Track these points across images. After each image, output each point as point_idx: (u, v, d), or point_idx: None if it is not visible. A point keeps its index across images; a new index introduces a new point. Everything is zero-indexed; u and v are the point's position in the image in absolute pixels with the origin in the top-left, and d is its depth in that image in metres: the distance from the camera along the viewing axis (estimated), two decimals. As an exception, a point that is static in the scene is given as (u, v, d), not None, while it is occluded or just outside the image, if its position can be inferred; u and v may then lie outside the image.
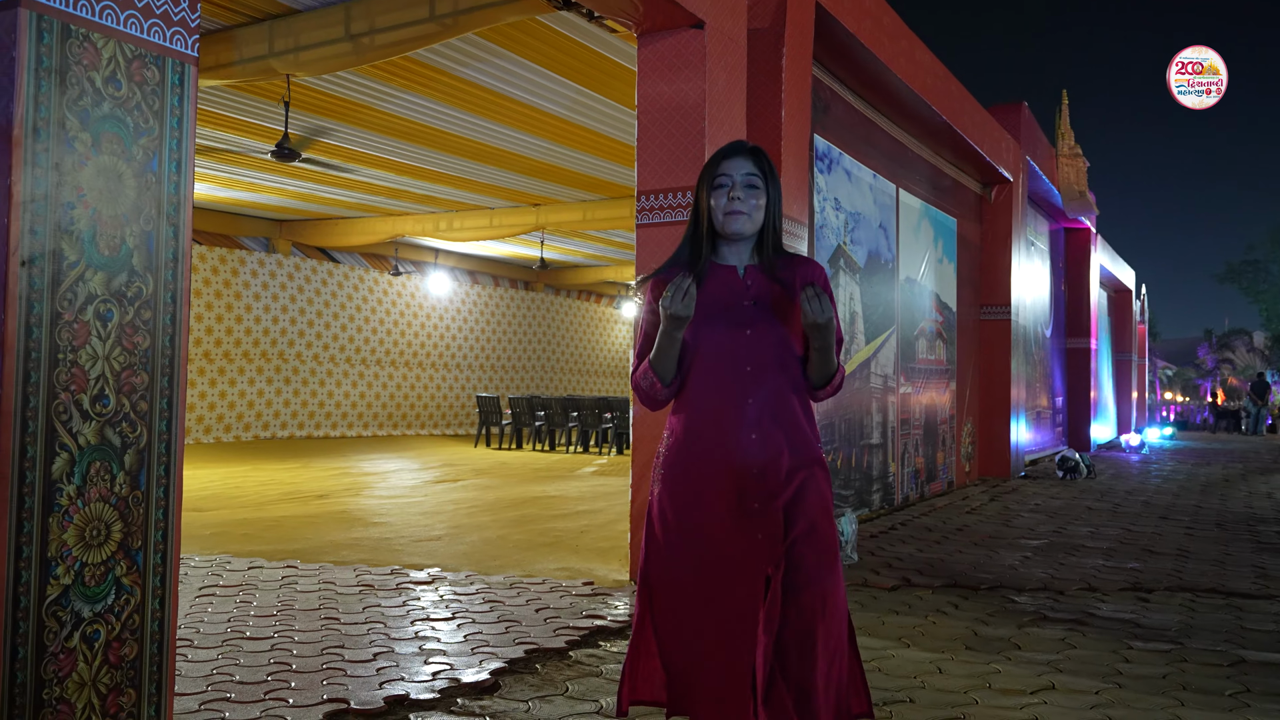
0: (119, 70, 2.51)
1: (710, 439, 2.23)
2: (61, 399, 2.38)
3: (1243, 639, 4.34)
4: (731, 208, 2.29)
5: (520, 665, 3.75)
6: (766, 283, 2.33)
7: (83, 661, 2.43)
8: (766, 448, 2.21)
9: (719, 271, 2.35)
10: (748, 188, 2.30)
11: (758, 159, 2.34)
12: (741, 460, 2.20)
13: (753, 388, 2.24)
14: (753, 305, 2.30)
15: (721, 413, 2.24)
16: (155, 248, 2.60)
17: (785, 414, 2.26)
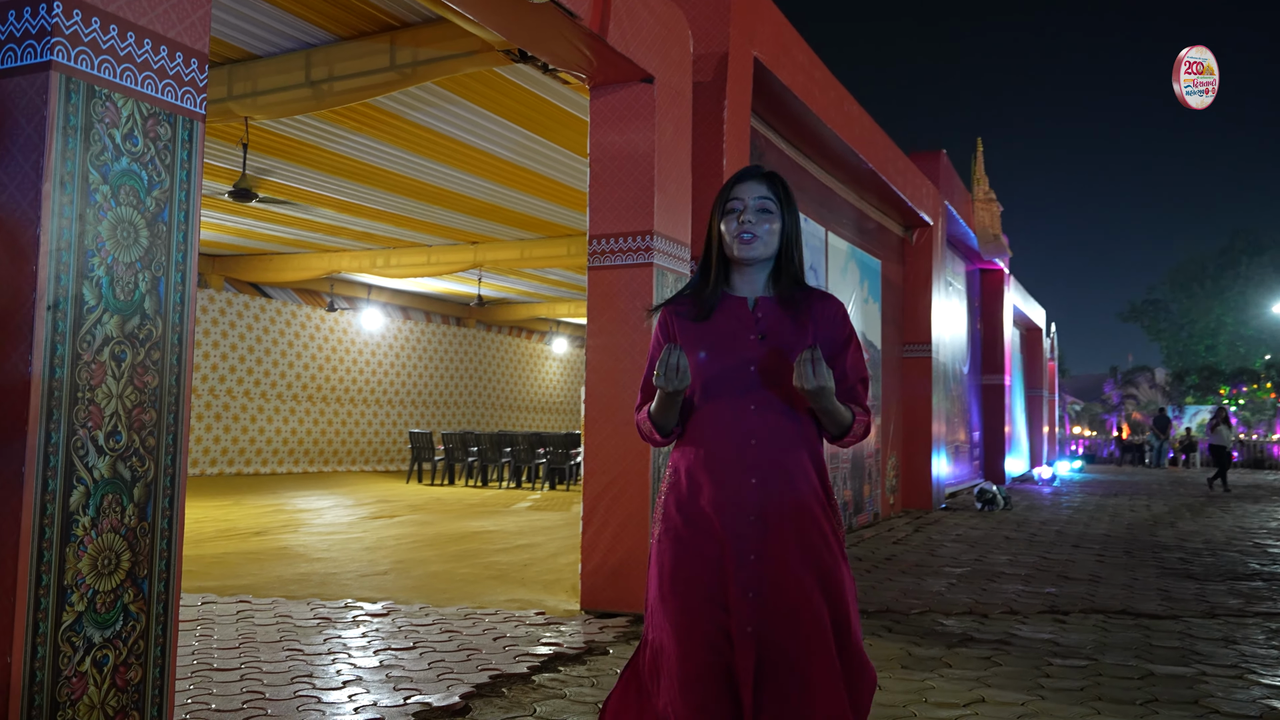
0: (136, 127, 2.69)
1: (709, 481, 2.12)
2: (80, 435, 2.54)
3: (1151, 655, 4.72)
4: (743, 231, 2.18)
5: (487, 690, 3.92)
6: (778, 315, 2.20)
7: (93, 685, 2.57)
8: (767, 493, 2.10)
9: (729, 302, 2.24)
10: (760, 212, 2.20)
11: (772, 183, 2.24)
12: (739, 506, 2.09)
13: (757, 427, 2.12)
14: (761, 340, 2.18)
15: (722, 453, 2.12)
16: (165, 293, 2.77)
17: (790, 457, 2.13)
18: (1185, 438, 31.28)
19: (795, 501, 2.10)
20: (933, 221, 12.74)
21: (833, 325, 2.23)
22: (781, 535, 2.08)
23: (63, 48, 2.50)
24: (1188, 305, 57.47)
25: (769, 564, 2.06)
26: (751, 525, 2.08)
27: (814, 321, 2.20)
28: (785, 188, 2.25)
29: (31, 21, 2.50)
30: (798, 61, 7.70)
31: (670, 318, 2.26)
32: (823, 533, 2.11)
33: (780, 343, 2.16)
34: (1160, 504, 14.29)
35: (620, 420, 5.47)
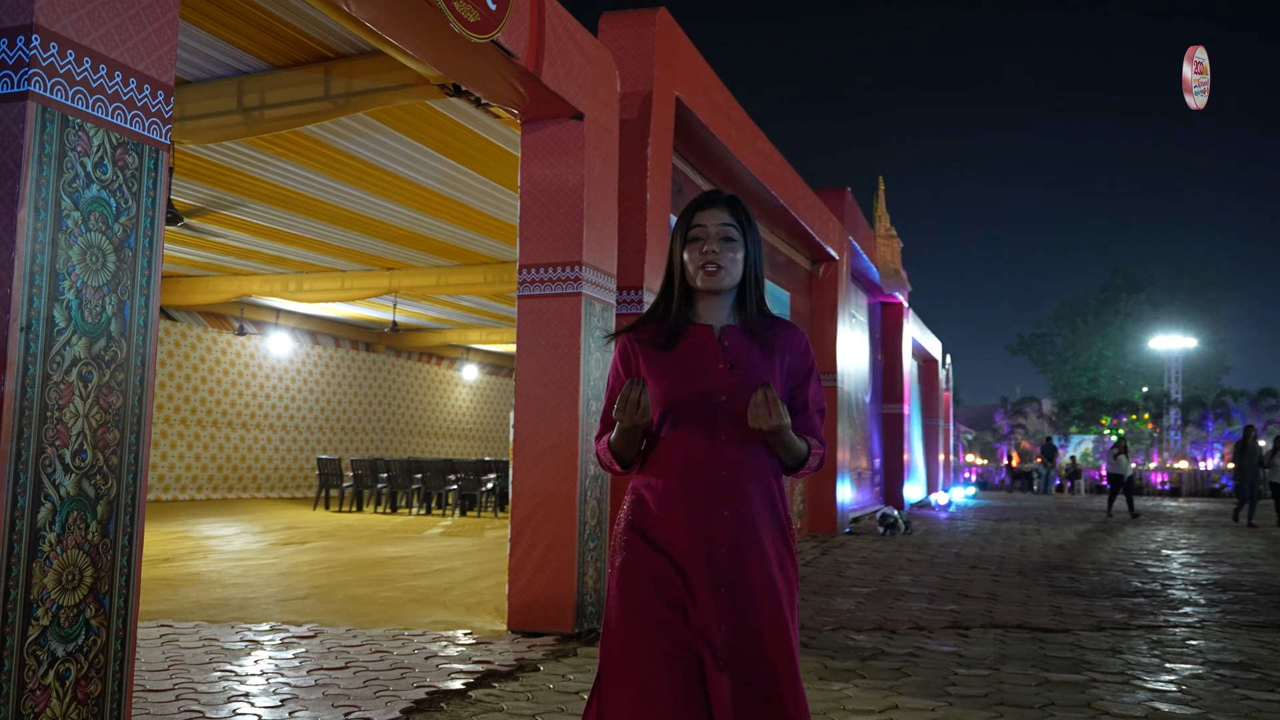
0: (106, 156, 2.78)
1: (679, 512, 2.08)
2: (48, 453, 2.61)
3: (1046, 664, 5.06)
4: (706, 261, 2.14)
5: (426, 705, 4.03)
6: (746, 345, 2.17)
7: (55, 698, 2.62)
8: (738, 525, 2.07)
9: (694, 331, 2.19)
10: (724, 240, 2.15)
11: (734, 209, 2.20)
12: (712, 537, 2.06)
13: (729, 458, 2.09)
14: (729, 369, 2.13)
15: (694, 484, 2.08)
16: (130, 316, 2.86)
17: (762, 487, 2.11)
18: (1070, 465, 32.69)
19: (768, 533, 2.08)
20: (838, 256, 13.23)
21: (798, 355, 2.21)
22: (754, 566, 2.05)
23: (40, 79, 2.59)
24: (1072, 339, 60.08)
25: (741, 596, 2.03)
26: (724, 556, 2.04)
27: (779, 351, 2.18)
28: (747, 213, 2.21)
29: (9, 52, 2.59)
30: (716, 101, 8.02)
31: (632, 346, 2.21)
32: (785, 564, 2.12)
33: (749, 372, 2.12)
34: (1049, 528, 14.98)
35: (548, 445, 5.63)
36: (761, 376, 2.11)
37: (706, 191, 2.23)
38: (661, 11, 6.78)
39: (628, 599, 2.06)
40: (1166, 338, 42.37)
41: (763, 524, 2.08)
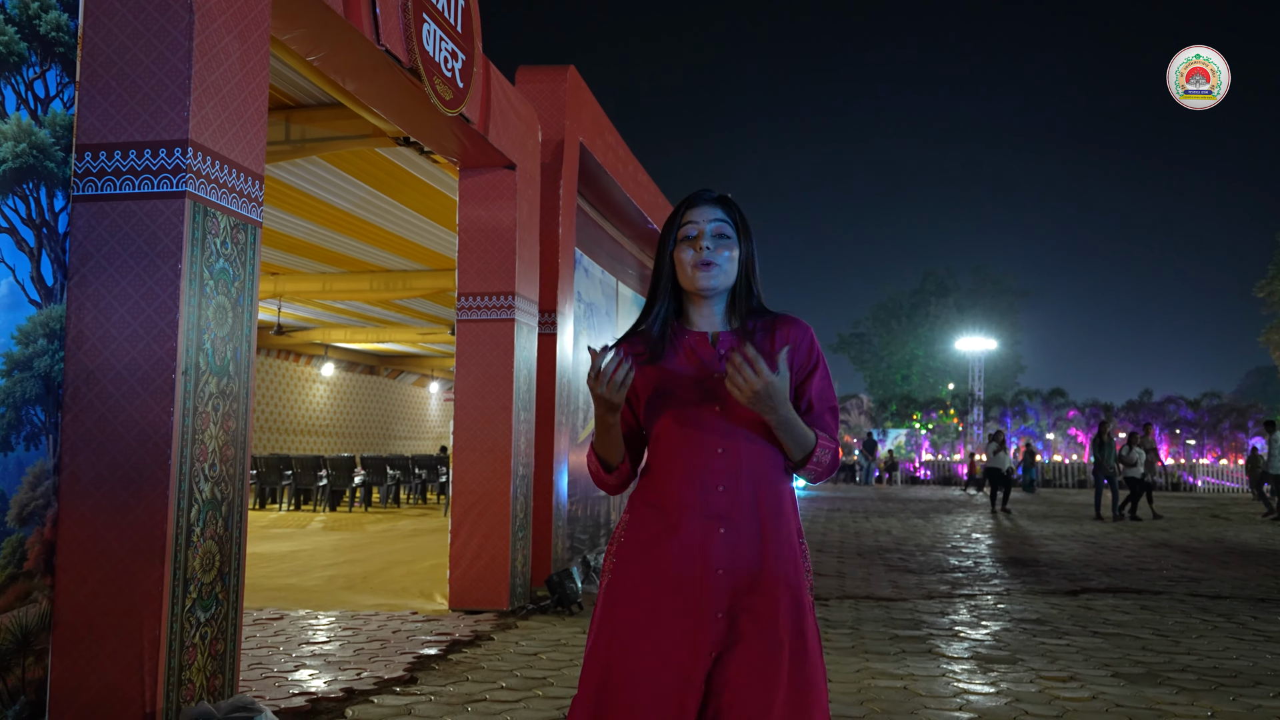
0: (228, 235, 3.59)
1: (671, 532, 1.96)
2: (195, 467, 3.41)
3: (893, 624, 6.37)
4: (701, 259, 2.01)
5: (418, 665, 4.91)
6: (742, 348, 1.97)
7: (200, 654, 3.43)
8: (737, 545, 1.94)
9: (687, 338, 2.07)
10: (717, 237, 2.04)
11: (727, 206, 2.08)
12: (703, 558, 1.93)
13: (724, 473, 1.96)
14: (725, 376, 1.94)
15: (685, 501, 1.96)
16: (240, 358, 3.67)
17: (763, 505, 1.97)
18: (889, 458, 35.42)
19: (772, 552, 1.95)
20: (696, 270, 14.48)
21: (800, 351, 2.06)
22: (752, 591, 1.92)
23: (192, 180, 3.38)
24: (887, 339, 64.10)
25: (735, 623, 1.91)
26: (719, 579, 1.91)
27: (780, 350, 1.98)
28: (741, 212, 2.09)
29: (168, 160, 3.36)
30: (607, 141, 9.05)
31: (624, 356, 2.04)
32: (794, 585, 1.96)
33: None
34: (876, 517, 16.76)
35: (484, 449, 6.54)
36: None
37: (697, 190, 2.11)
38: (571, 69, 7.75)
39: (612, 629, 1.95)
40: (970, 339, 45.98)
41: (765, 542, 1.95)
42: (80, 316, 3.36)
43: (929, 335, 61.67)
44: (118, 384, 3.33)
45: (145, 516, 3.28)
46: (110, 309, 3.35)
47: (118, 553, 3.28)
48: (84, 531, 3.29)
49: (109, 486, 3.31)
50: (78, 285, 3.37)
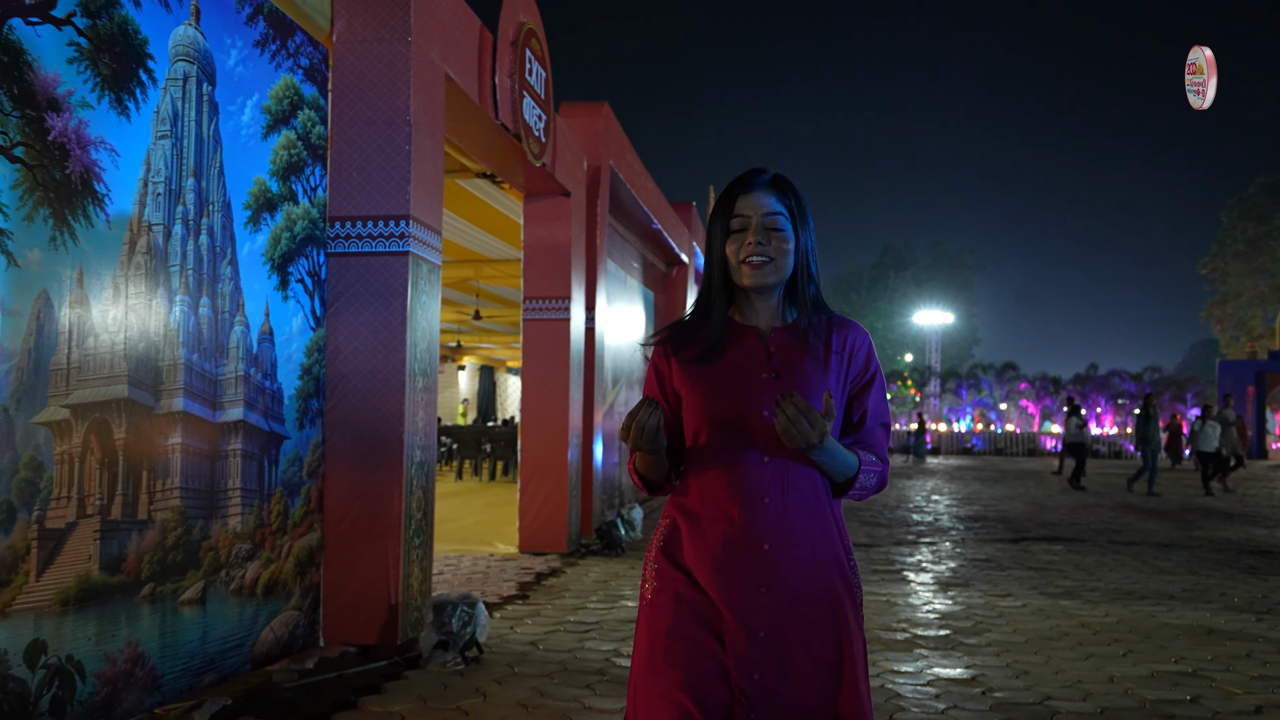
0: (427, 277, 5.12)
1: (712, 544, 1.85)
2: (413, 439, 4.96)
3: (872, 563, 8.04)
4: (750, 255, 1.87)
5: (525, 588, 6.49)
6: (795, 349, 1.91)
7: (417, 569, 5.00)
8: (781, 560, 1.83)
9: (736, 334, 1.95)
10: (769, 230, 1.89)
11: (782, 192, 1.92)
12: (745, 573, 1.83)
13: (770, 483, 1.84)
14: (774, 378, 1.87)
15: (728, 513, 1.85)
16: (433, 361, 5.21)
17: (809, 517, 1.86)
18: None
19: (814, 570, 1.85)
20: (687, 259, 16.05)
21: (856, 360, 1.95)
22: (795, 609, 1.83)
23: (411, 241, 4.90)
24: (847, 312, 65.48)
25: (778, 643, 1.82)
26: (761, 596, 1.82)
27: (836, 354, 1.92)
28: (798, 195, 1.94)
29: (395, 228, 4.88)
30: (628, 161, 10.57)
31: (665, 357, 1.99)
32: (840, 604, 1.87)
33: (797, 381, 1.88)
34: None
35: (546, 423, 8.09)
36: (812, 385, 1.87)
37: (747, 171, 1.95)
38: (605, 106, 9.26)
39: (654, 639, 1.88)
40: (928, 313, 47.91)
41: (813, 557, 1.85)
42: (335, 337, 4.88)
43: (888, 309, 63.67)
44: (362, 383, 4.86)
45: (384, 474, 4.83)
46: (356, 332, 4.88)
47: (366, 497, 4.82)
48: (343, 483, 4.83)
49: (357, 453, 4.85)
50: (333, 315, 4.89)
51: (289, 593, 4.50)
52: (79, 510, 3.25)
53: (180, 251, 3.76)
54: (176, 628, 3.72)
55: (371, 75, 4.90)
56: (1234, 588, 7.03)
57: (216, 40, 3.99)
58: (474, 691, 4.12)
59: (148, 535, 3.57)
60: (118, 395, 3.42)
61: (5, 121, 2.93)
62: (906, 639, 5.24)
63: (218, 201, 4.00)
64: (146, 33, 3.55)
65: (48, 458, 3.12)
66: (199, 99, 3.88)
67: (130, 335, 3.48)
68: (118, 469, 3.42)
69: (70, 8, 3.19)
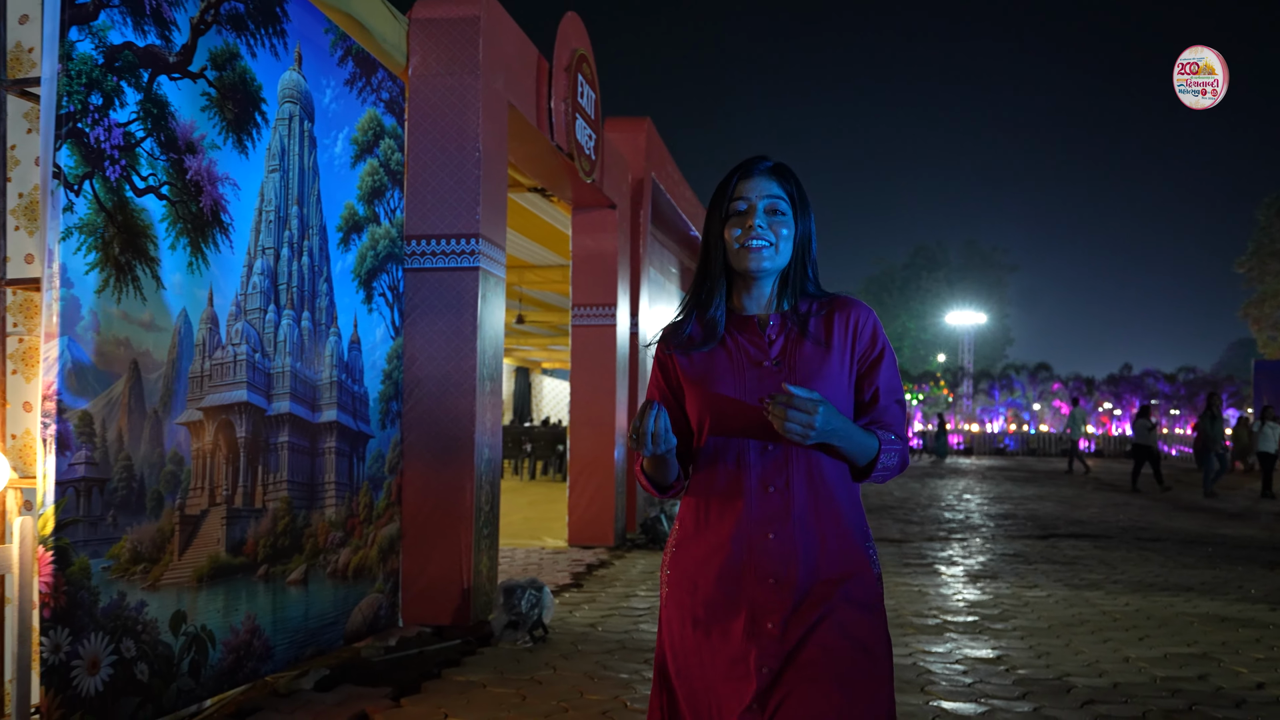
0: (493, 289, 5.58)
1: (718, 538, 1.83)
2: (482, 438, 5.43)
3: (904, 557, 8.43)
4: (749, 239, 1.84)
5: (579, 578, 6.95)
6: (795, 336, 1.87)
7: (485, 558, 5.46)
8: (788, 550, 1.78)
9: (735, 323, 1.91)
10: (771, 214, 1.86)
11: (783, 178, 1.89)
12: (753, 566, 1.79)
13: (774, 471, 1.81)
14: (775, 365, 1.84)
15: (732, 503, 1.82)
16: (499, 365, 5.68)
17: (820, 505, 1.81)
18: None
19: (826, 560, 1.80)
20: (722, 264, 16.45)
21: (861, 338, 1.90)
22: (807, 600, 1.78)
23: (481, 257, 5.37)
24: (880, 312, 65.86)
25: (790, 636, 1.77)
26: (771, 590, 1.78)
27: (839, 336, 1.88)
28: (799, 183, 1.91)
29: (466, 245, 5.34)
30: (667, 171, 11.01)
31: (667, 352, 1.97)
32: (853, 594, 1.80)
33: (799, 369, 1.84)
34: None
35: (594, 424, 8.54)
36: (813, 371, 1.84)
37: (748, 158, 1.93)
38: (648, 121, 9.70)
39: (670, 639, 1.90)
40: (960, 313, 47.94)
41: (823, 547, 1.80)
42: (412, 345, 5.36)
43: (920, 309, 63.62)
44: (436, 387, 5.33)
45: (457, 470, 5.30)
46: (431, 340, 5.35)
47: (440, 491, 5.29)
48: (419, 478, 5.31)
49: (432, 451, 5.32)
50: (410, 325, 5.37)
51: (374, 577, 4.98)
52: (210, 499, 3.73)
53: (287, 271, 4.24)
54: (285, 605, 4.21)
55: (444, 106, 5.38)
56: (1252, 581, 7.36)
57: (315, 81, 4.47)
58: (544, 665, 4.57)
59: (262, 522, 4.06)
60: (239, 399, 3.91)
61: (155, 164, 3.42)
62: (937, 624, 5.64)
63: (316, 226, 4.49)
64: (261, 79, 4.04)
65: (186, 453, 3.60)
66: (301, 135, 4.36)
67: (248, 346, 3.96)
68: (239, 463, 3.91)
69: (202, 63, 3.67)
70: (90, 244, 3.13)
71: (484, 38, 5.41)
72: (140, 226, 3.35)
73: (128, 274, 3.29)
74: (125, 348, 3.29)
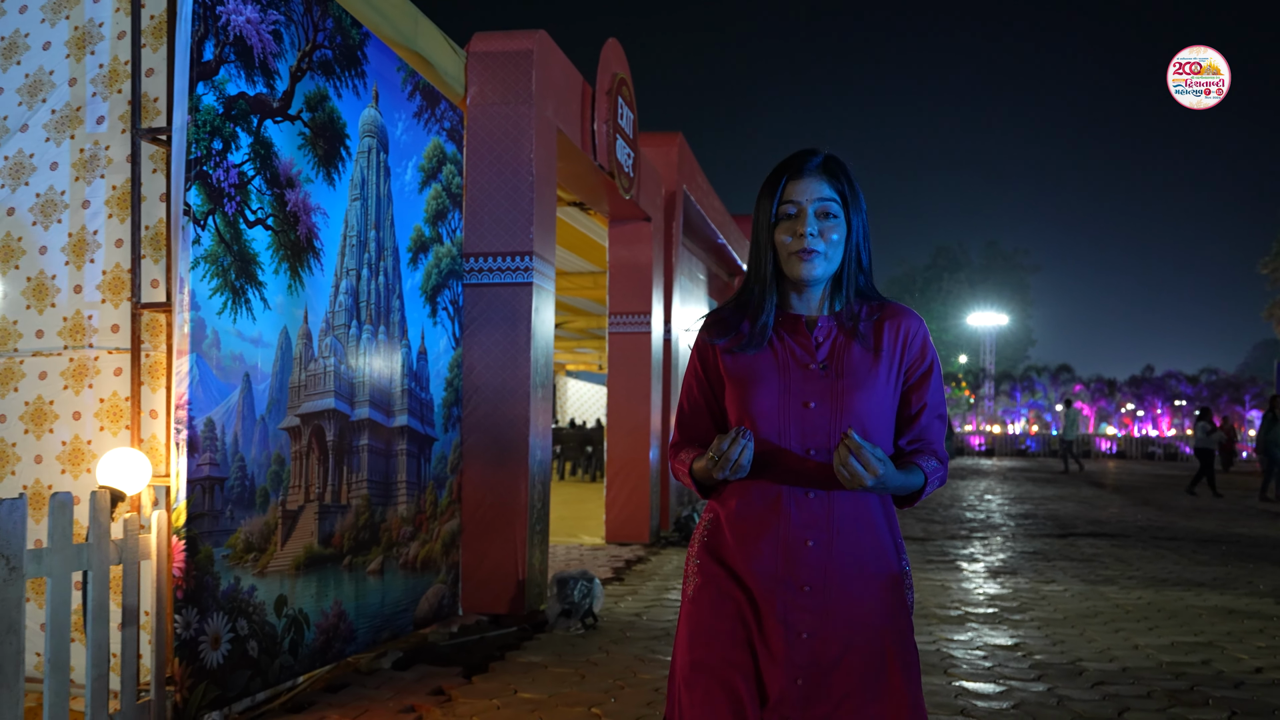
0: (545, 302, 6.00)
1: (755, 542, 1.80)
2: (535, 440, 5.85)
3: (926, 554, 8.80)
4: (801, 246, 1.78)
5: (619, 572, 7.37)
6: (843, 339, 1.83)
7: (538, 552, 5.88)
8: (828, 559, 1.76)
9: (782, 324, 1.87)
10: (823, 217, 1.80)
11: (835, 178, 1.82)
12: (790, 574, 1.77)
13: (814, 478, 1.77)
14: (822, 370, 1.80)
15: (772, 509, 1.79)
16: (550, 372, 6.10)
17: (857, 515, 1.79)
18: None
19: (860, 569, 1.79)
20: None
21: (911, 349, 1.86)
22: (841, 610, 1.77)
23: (534, 273, 5.79)
24: (901, 314, 65.79)
25: (822, 645, 1.75)
26: (806, 596, 1.76)
27: (888, 343, 1.84)
28: (850, 179, 1.84)
29: (521, 262, 5.77)
30: (697, 182, 11.41)
31: (708, 344, 1.94)
32: (889, 605, 1.80)
33: (845, 374, 1.80)
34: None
35: (630, 427, 8.96)
36: (860, 378, 1.80)
37: (797, 153, 1.86)
38: (679, 136, 10.11)
39: (696, 635, 1.85)
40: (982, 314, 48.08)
41: (861, 557, 1.79)
42: (471, 354, 5.79)
43: (942, 310, 63.66)
44: (493, 394, 5.76)
45: (512, 470, 5.73)
46: (488, 350, 5.78)
47: (497, 490, 5.72)
48: (478, 478, 5.74)
49: (489, 453, 5.75)
50: (469, 336, 5.80)
51: (437, 569, 5.41)
52: (305, 496, 4.17)
53: (366, 290, 4.68)
54: (365, 592, 4.64)
55: (500, 133, 5.81)
56: (1262, 577, 7.69)
57: (389, 116, 4.91)
58: (596, 649, 4.99)
59: (347, 517, 4.50)
60: (328, 406, 4.35)
61: (262, 199, 3.86)
62: (959, 615, 6.02)
63: (390, 247, 4.92)
64: (345, 117, 4.48)
65: (287, 455, 4.04)
66: (378, 166, 4.80)
67: (335, 359, 4.40)
68: (329, 464, 4.35)
69: (299, 106, 4.12)
70: (212, 271, 3.58)
71: (536, 69, 5.84)
72: (251, 255, 3.79)
73: (241, 297, 3.74)
74: (240, 362, 3.73)
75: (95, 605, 3.10)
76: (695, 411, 2.00)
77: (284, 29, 4.01)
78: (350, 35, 4.53)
